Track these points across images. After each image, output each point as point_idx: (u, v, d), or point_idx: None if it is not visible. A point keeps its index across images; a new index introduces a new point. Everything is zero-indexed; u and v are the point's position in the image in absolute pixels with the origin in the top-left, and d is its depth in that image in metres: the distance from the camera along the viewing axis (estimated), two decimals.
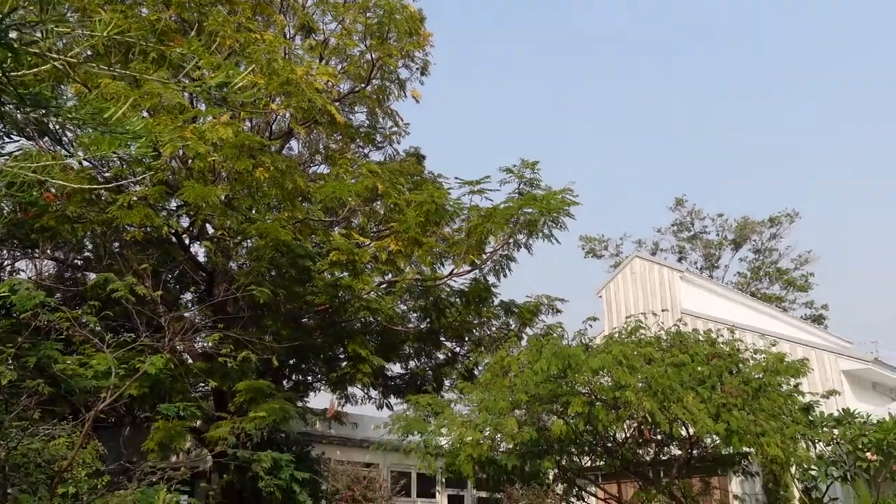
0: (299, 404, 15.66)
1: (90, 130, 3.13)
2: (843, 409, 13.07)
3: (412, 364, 18.57)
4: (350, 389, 17.67)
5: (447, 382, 18.13)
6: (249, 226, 12.44)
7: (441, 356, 18.56)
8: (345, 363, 15.72)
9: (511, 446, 11.85)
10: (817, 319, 33.43)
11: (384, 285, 15.77)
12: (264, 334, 13.47)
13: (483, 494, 19.28)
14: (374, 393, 18.74)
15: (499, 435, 11.30)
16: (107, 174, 13.06)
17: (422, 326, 17.43)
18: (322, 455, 14.81)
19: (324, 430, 16.79)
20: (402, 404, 15.67)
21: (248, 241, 13.77)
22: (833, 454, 12.65)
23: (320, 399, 21.38)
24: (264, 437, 12.80)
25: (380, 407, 18.80)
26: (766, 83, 55.99)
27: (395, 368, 18.70)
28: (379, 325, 16.18)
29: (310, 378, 17.77)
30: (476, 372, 17.08)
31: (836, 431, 12.56)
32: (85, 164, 12.12)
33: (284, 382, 16.83)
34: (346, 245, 13.16)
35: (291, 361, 16.42)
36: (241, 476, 13.21)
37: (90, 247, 14.97)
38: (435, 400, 12.97)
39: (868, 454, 12.09)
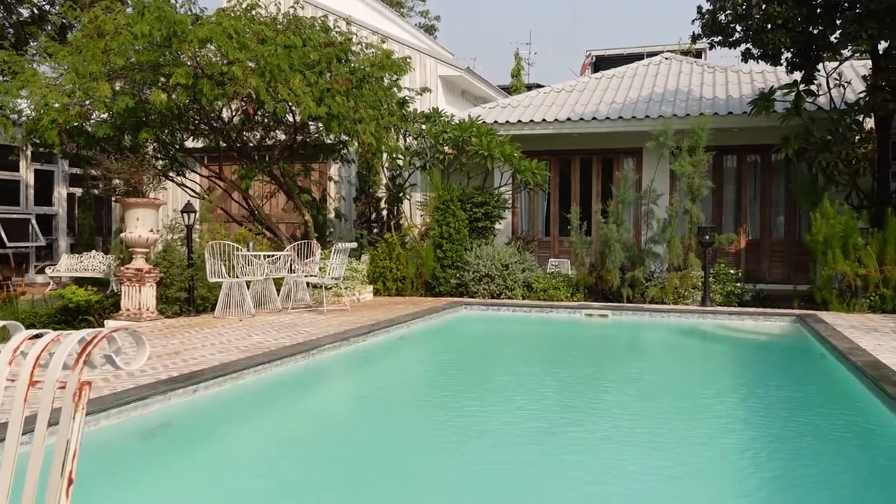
0: None
1: None
2: (433, 108, 14.53)
3: None
4: None
5: (34, 44, 15.84)
6: None
7: (26, 13, 15.94)
8: None
9: (105, 116, 11.05)
10: (429, 29, 35.49)
11: None
12: None
13: (77, 171, 18.10)
14: None
15: (89, 101, 10.37)
16: None
17: None
18: None
19: None
20: None
21: None
22: (419, 146, 14.22)
23: None
24: None
25: None
26: None
27: None
28: None
29: None
30: (69, 36, 15.09)
31: (423, 127, 14.01)
32: None
33: None
34: None
35: None
36: None
37: None
38: (13, 58, 11.27)
39: (446, 148, 13.83)
